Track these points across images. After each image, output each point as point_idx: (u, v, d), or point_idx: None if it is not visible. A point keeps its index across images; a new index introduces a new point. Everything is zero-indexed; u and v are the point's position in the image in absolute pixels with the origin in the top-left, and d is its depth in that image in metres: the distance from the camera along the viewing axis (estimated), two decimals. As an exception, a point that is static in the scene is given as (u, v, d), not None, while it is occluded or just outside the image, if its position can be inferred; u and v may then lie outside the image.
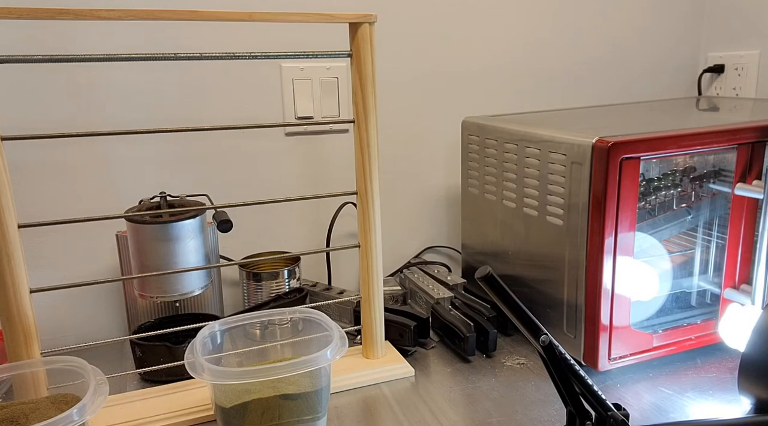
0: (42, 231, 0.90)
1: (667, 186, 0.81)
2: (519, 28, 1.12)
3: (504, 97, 1.14)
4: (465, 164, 0.99)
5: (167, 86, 0.93)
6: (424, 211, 1.13)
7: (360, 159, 0.76)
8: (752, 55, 1.16)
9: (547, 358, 0.55)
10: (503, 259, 0.91)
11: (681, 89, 1.28)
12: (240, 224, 1.00)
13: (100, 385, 0.58)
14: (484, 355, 0.84)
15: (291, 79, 0.98)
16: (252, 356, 0.76)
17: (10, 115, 0.86)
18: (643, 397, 0.72)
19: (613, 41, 1.20)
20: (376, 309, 0.80)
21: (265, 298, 0.91)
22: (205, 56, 0.69)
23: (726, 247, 0.81)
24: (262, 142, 0.99)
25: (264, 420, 0.64)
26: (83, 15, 0.61)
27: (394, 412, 0.71)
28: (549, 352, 0.55)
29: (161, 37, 0.91)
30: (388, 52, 1.04)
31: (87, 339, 0.94)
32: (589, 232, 0.72)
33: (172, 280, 0.77)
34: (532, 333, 0.55)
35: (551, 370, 0.56)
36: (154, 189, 0.95)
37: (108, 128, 0.90)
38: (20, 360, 0.65)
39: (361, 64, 0.72)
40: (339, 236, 1.08)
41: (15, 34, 0.84)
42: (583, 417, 0.57)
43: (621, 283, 0.73)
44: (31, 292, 0.66)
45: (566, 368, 0.56)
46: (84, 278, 0.93)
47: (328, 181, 1.05)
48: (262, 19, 0.67)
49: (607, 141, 0.69)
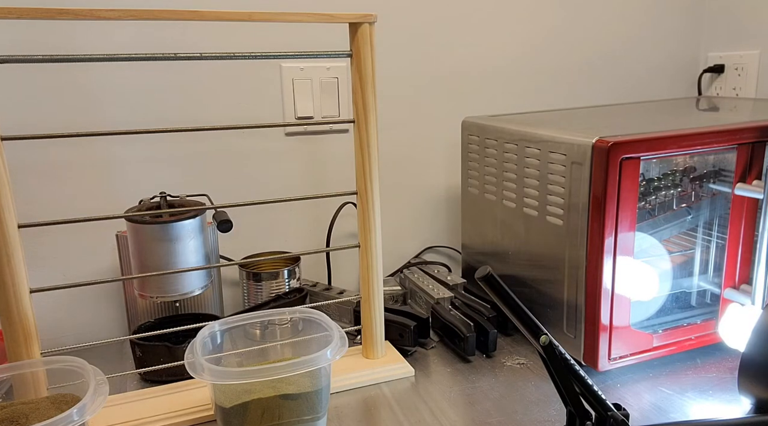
0: (42, 231, 0.90)
1: (667, 186, 0.81)
2: (519, 29, 1.12)
3: (504, 97, 1.14)
4: (465, 164, 0.99)
5: (167, 86, 0.93)
6: (424, 211, 1.13)
7: (360, 159, 0.76)
8: (752, 55, 1.16)
9: (547, 358, 0.55)
10: (503, 259, 0.91)
11: (681, 89, 1.28)
12: (240, 224, 1.00)
13: (100, 385, 0.58)
14: (484, 355, 0.84)
15: (291, 79, 0.98)
16: (252, 356, 0.76)
17: (10, 115, 0.86)
18: (643, 397, 0.72)
19: (613, 41, 1.20)
20: (376, 309, 0.80)
21: (265, 298, 0.91)
22: (205, 56, 0.69)
23: (726, 247, 0.81)
24: (262, 142, 0.99)
25: (264, 420, 0.64)
26: (83, 15, 0.61)
27: (394, 412, 0.71)
28: (549, 352, 0.55)
29: (161, 37, 0.91)
30: (388, 52, 1.04)
31: (87, 339, 0.94)
32: (589, 232, 0.72)
33: (172, 280, 0.77)
34: (531, 333, 0.55)
35: (551, 370, 0.56)
36: (154, 189, 0.95)
37: (108, 128, 0.90)
38: (20, 360, 0.65)
39: (361, 64, 0.72)
40: (339, 236, 1.08)
41: (15, 34, 0.84)
42: (583, 417, 0.57)
43: (621, 283, 0.73)
44: (31, 292, 0.66)
45: (566, 368, 0.56)
46: (84, 278, 0.93)
47: (328, 181, 1.05)
48: (262, 19, 0.67)
49: (607, 141, 0.69)
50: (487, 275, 0.53)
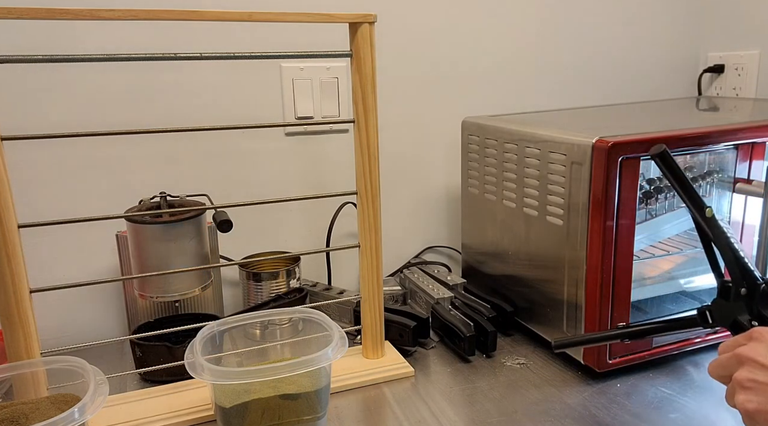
0: (42, 231, 0.90)
1: (668, 186, 0.81)
2: (519, 29, 1.12)
3: (504, 97, 1.14)
4: (465, 164, 0.99)
5: (167, 86, 0.93)
6: (424, 211, 1.13)
7: (360, 159, 0.76)
8: (752, 55, 1.16)
9: (710, 230, 0.59)
10: (503, 259, 0.91)
11: (681, 89, 1.28)
12: (240, 224, 1.00)
13: (100, 385, 0.58)
14: (484, 355, 0.84)
15: (291, 79, 0.98)
16: (252, 356, 0.76)
17: (10, 115, 0.86)
18: (643, 397, 0.72)
19: (613, 41, 1.20)
20: (376, 309, 0.80)
21: (265, 298, 0.91)
22: (205, 56, 0.69)
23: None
24: (262, 142, 0.99)
25: (264, 420, 0.64)
26: (83, 15, 0.61)
27: (394, 412, 0.71)
28: (712, 224, 0.59)
29: (161, 37, 0.91)
30: (388, 52, 1.04)
31: (87, 339, 0.94)
32: (589, 232, 0.72)
33: (172, 280, 0.77)
34: (696, 207, 0.59)
35: (710, 242, 0.60)
36: (154, 189, 0.94)
37: (108, 128, 0.90)
38: (20, 360, 0.65)
39: (361, 64, 0.72)
40: (339, 236, 1.08)
41: (15, 34, 0.84)
42: (738, 284, 0.59)
43: (621, 283, 0.73)
44: (31, 292, 0.66)
45: (725, 240, 0.59)
46: (84, 278, 0.93)
47: (328, 181, 1.05)
48: (262, 19, 0.67)
49: (607, 141, 0.69)
50: (663, 152, 0.58)
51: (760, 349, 0.48)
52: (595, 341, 0.66)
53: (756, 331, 0.50)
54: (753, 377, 0.47)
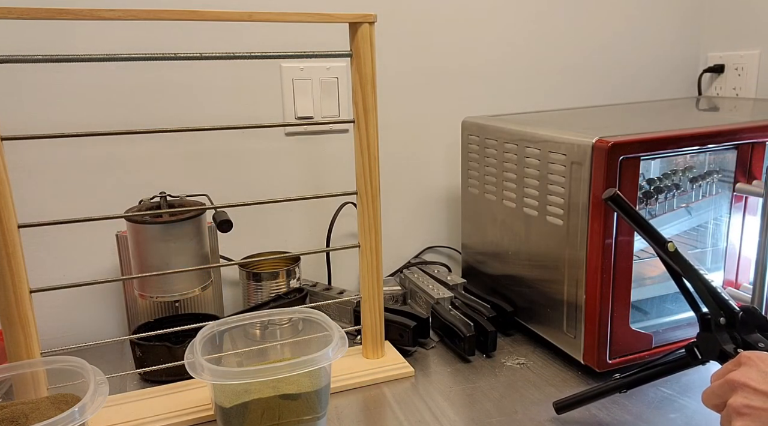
0: (42, 231, 0.90)
1: (668, 186, 0.81)
2: (519, 28, 1.12)
3: (504, 97, 1.14)
4: (465, 164, 0.99)
5: (167, 86, 0.93)
6: (424, 211, 1.13)
7: (360, 159, 0.76)
8: (752, 55, 1.16)
9: (674, 264, 0.59)
10: (503, 259, 0.91)
11: (681, 89, 1.28)
12: (240, 224, 1.00)
13: (100, 385, 0.58)
14: (484, 355, 0.84)
15: (291, 79, 0.98)
16: (252, 356, 0.76)
17: (10, 115, 0.86)
18: (643, 397, 0.72)
19: (614, 41, 1.20)
20: (376, 309, 0.80)
21: (265, 298, 0.91)
22: (205, 56, 0.69)
23: (726, 247, 0.81)
24: (262, 142, 0.99)
25: (264, 420, 0.64)
26: (83, 15, 0.61)
27: (394, 412, 0.71)
28: (676, 258, 0.59)
29: (161, 37, 0.91)
30: (388, 52, 1.04)
31: (87, 339, 0.94)
32: (589, 232, 0.72)
33: (172, 280, 0.77)
34: (657, 243, 0.60)
35: (679, 275, 0.60)
36: (154, 189, 0.95)
37: (108, 128, 0.90)
38: (20, 360, 0.65)
39: (361, 64, 0.72)
40: (339, 236, 1.08)
41: (15, 34, 0.84)
42: (716, 314, 0.59)
43: (621, 283, 0.73)
44: (31, 292, 0.66)
45: (693, 272, 0.59)
46: (84, 278, 0.93)
47: (328, 181, 1.05)
48: (262, 19, 0.67)
49: (607, 141, 0.69)
50: (614, 195, 0.60)
51: (752, 373, 0.48)
52: (595, 397, 0.67)
53: (744, 355, 0.50)
54: (748, 403, 0.47)
